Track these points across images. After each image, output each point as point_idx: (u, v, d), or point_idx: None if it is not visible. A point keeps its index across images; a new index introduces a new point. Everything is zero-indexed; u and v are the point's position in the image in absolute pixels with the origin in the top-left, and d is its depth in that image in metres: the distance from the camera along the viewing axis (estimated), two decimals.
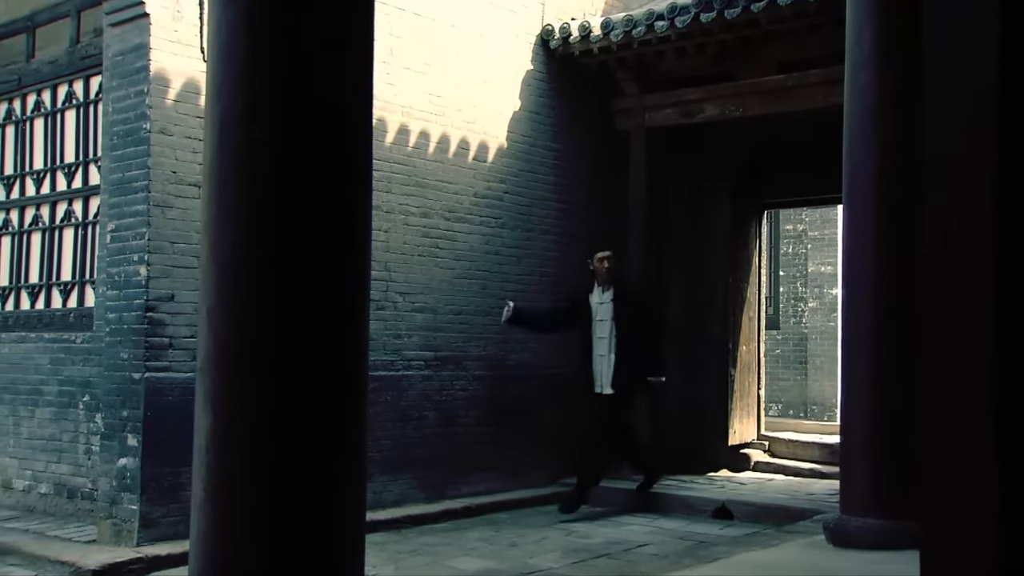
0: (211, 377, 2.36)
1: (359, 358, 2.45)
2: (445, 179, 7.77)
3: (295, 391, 2.33)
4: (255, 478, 2.31)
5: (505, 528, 7.10)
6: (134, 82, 5.88)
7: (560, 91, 8.72)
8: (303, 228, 2.33)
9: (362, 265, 2.47)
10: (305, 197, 2.34)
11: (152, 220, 5.75)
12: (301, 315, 2.32)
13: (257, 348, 2.33)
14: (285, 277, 2.31)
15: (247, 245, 2.31)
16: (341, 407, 2.42)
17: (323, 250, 2.35)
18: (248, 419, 2.32)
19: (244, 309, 2.32)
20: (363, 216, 2.51)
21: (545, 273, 8.61)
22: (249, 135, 2.32)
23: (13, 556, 5.70)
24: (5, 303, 7.53)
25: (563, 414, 8.50)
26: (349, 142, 2.48)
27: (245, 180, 2.32)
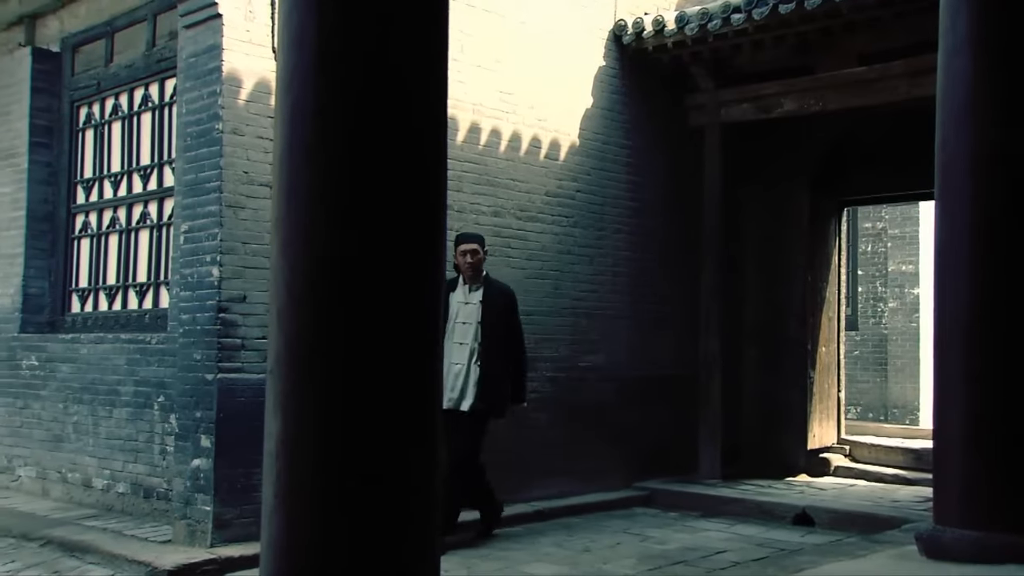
0: (281, 380, 2.27)
1: (433, 359, 2.34)
2: (516, 177, 7.67)
3: (368, 394, 2.24)
4: (326, 485, 2.22)
5: (578, 532, 6.96)
6: (207, 83, 5.89)
7: (633, 87, 8.56)
8: (377, 224, 2.23)
9: (436, 263, 2.37)
10: (379, 192, 2.24)
11: (224, 221, 5.74)
12: (375, 315, 2.22)
13: (329, 349, 2.24)
14: (358, 275, 2.21)
15: (319, 242, 2.22)
16: (415, 410, 2.31)
17: (398, 247, 2.25)
18: (319, 423, 2.23)
19: (316, 309, 2.23)
20: (438, 212, 2.41)
21: (618, 272, 8.46)
22: (321, 128, 2.23)
23: (92, 555, 5.75)
24: (84, 304, 7.64)
25: (637, 416, 8.35)
26: (424, 135, 2.38)
27: (317, 174, 2.23)
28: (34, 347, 7.51)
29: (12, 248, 7.81)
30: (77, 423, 7.04)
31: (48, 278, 7.79)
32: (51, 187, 7.85)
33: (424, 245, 2.32)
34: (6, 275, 7.83)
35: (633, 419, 8.33)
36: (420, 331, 2.29)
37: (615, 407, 8.26)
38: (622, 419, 8.26)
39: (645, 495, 8.15)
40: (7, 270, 7.83)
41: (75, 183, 7.80)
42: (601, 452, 8.13)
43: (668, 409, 8.59)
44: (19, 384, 7.60)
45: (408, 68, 2.32)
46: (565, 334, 7.99)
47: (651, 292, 8.68)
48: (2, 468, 7.72)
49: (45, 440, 7.30)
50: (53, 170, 7.87)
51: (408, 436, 2.29)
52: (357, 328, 2.23)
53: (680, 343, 8.79)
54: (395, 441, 2.26)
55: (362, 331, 2.22)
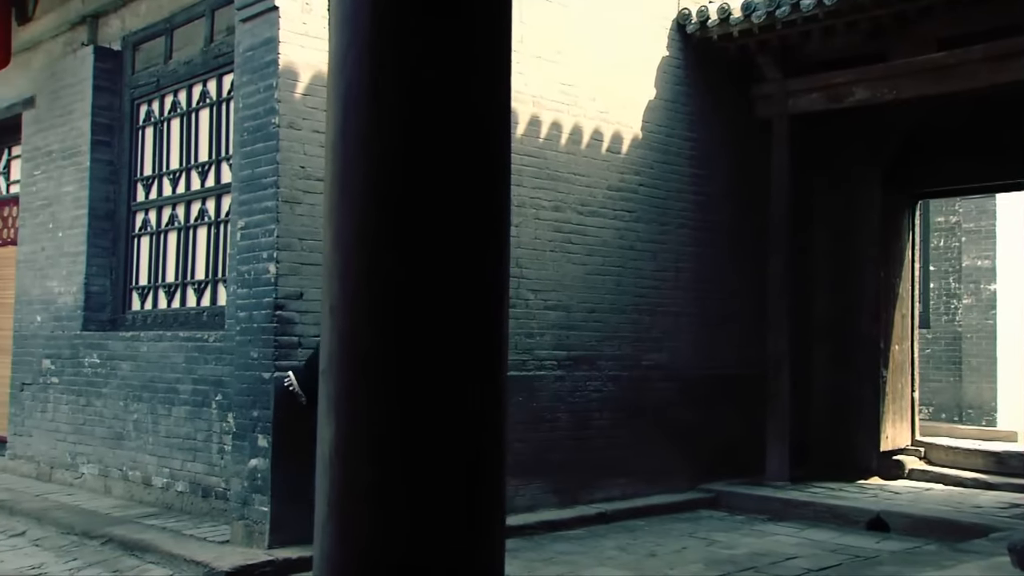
0: (334, 381, 2.12)
1: (497, 358, 2.17)
2: (577, 171, 7.49)
3: (428, 396, 2.07)
4: (384, 495, 2.07)
5: (643, 536, 6.76)
6: (263, 76, 5.80)
7: (697, 78, 8.32)
8: (437, 215, 2.07)
9: (500, 256, 2.20)
10: (439, 180, 2.08)
11: (281, 217, 5.65)
12: (435, 312, 2.06)
13: (386, 348, 2.08)
14: (417, 269, 2.05)
15: (375, 234, 2.06)
16: (478, 414, 2.15)
17: (459, 239, 2.08)
18: (375, 428, 2.08)
19: (371, 305, 2.08)
20: (501, 201, 2.24)
21: (682, 268, 8.23)
22: (376, 112, 2.07)
23: (152, 554, 5.71)
24: (144, 302, 7.64)
25: (702, 416, 8.12)
26: (486, 119, 2.20)
27: (372, 161, 2.07)
28: (96, 345, 7.53)
29: (75, 246, 7.84)
30: (137, 421, 7.03)
31: (109, 276, 7.81)
32: (112, 185, 7.86)
33: (487, 238, 2.15)
34: (69, 273, 7.87)
35: (697, 419, 8.10)
36: (482, 324, 2.12)
37: (679, 406, 8.05)
38: (686, 419, 8.05)
39: (710, 497, 7.93)
40: (70, 268, 7.86)
41: (135, 181, 7.80)
42: (664, 453, 7.92)
43: (734, 408, 8.34)
44: (82, 382, 7.63)
45: (470, 47, 2.15)
46: (627, 332, 7.79)
47: (716, 288, 8.44)
48: (67, 465, 7.75)
49: (107, 438, 7.31)
50: (114, 168, 7.88)
51: (473, 441, 2.13)
52: (417, 324, 2.07)
53: (746, 340, 8.54)
54: (459, 448, 2.10)
55: (422, 328, 2.06)
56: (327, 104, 2.21)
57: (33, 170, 8.52)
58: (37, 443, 8.10)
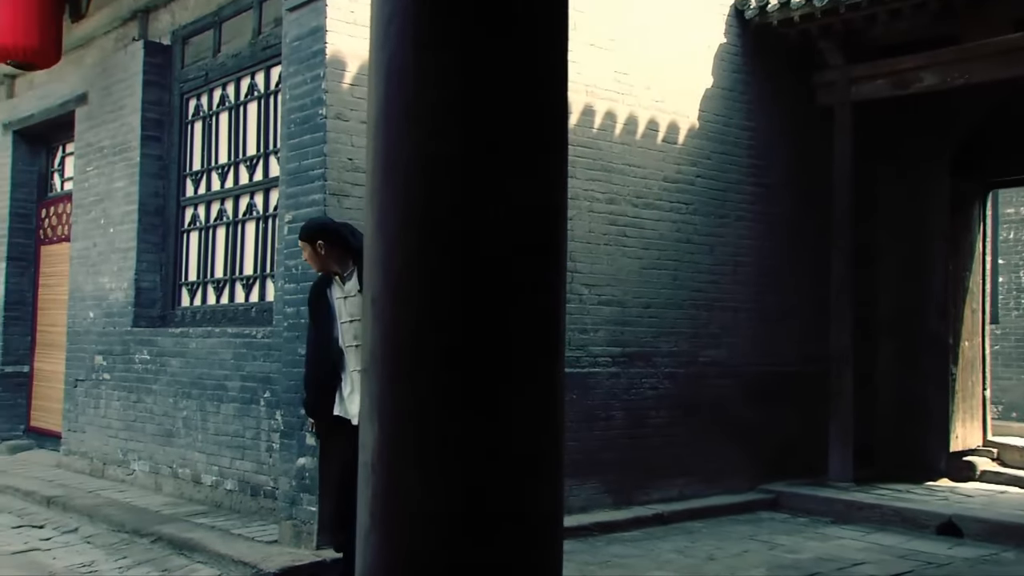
0: (377, 380, 1.95)
1: (554, 355, 1.99)
2: (632, 163, 7.27)
3: (480, 395, 1.89)
4: (431, 502, 1.90)
5: (701, 538, 6.54)
6: (311, 67, 5.68)
7: (756, 65, 8.05)
8: (488, 198, 1.89)
9: (557, 245, 2.02)
10: (490, 161, 1.90)
11: (328, 210, 5.52)
12: (487, 304, 1.88)
13: (433, 344, 1.90)
14: (466, 257, 1.87)
15: (421, 218, 1.88)
16: (535, 413, 1.96)
17: (512, 224, 1.90)
18: (422, 431, 1.91)
19: (417, 297, 1.90)
20: (558, 184, 2.06)
21: (740, 262, 7.98)
22: (422, 85, 1.90)
23: (200, 553, 5.63)
24: (193, 298, 7.58)
25: (761, 414, 7.87)
26: (541, 94, 2.02)
27: (418, 140, 1.89)
28: (146, 341, 7.49)
29: (125, 242, 7.81)
30: (187, 418, 6.96)
31: (159, 272, 7.76)
32: (162, 180, 7.82)
33: (544, 222, 1.96)
34: (120, 269, 7.84)
35: (757, 417, 7.85)
36: (537, 317, 1.94)
37: (737, 404, 7.81)
38: (745, 417, 7.80)
39: (771, 498, 7.68)
40: (121, 264, 7.84)
41: (184, 176, 7.75)
42: (723, 452, 7.68)
43: (794, 406, 8.07)
44: (133, 378, 7.60)
45: (522, 14, 1.97)
46: (684, 328, 7.57)
47: (776, 282, 8.17)
48: (119, 462, 7.73)
49: (157, 434, 7.26)
50: (163, 163, 7.83)
51: (527, 446, 1.95)
52: (466, 319, 1.89)
53: (807, 336, 8.26)
54: (515, 450, 1.92)
55: (472, 321, 1.88)
56: (369, 80, 2.05)
57: (85, 166, 8.52)
58: (90, 439, 8.10)
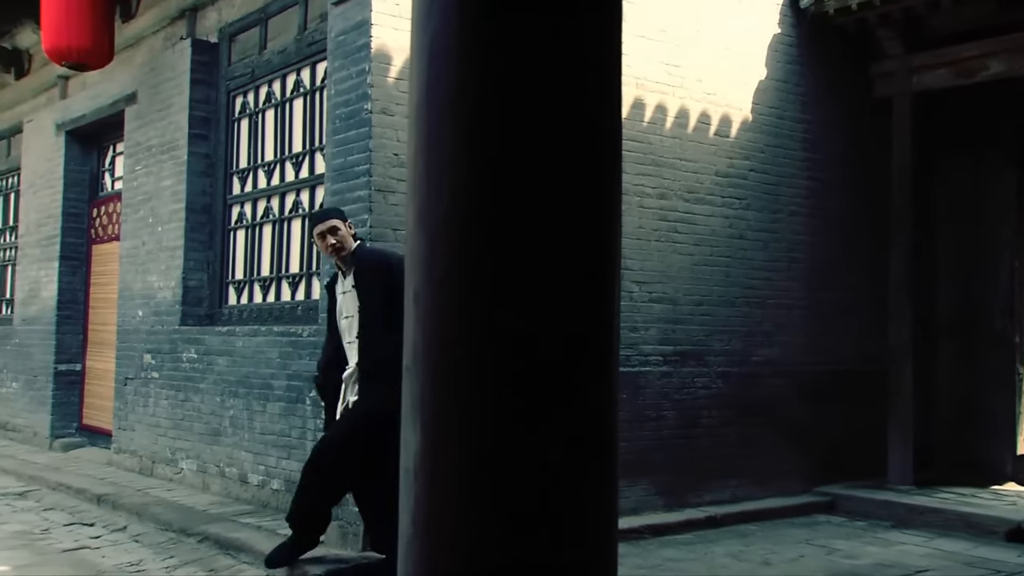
0: (419, 381, 1.83)
1: (608, 353, 1.86)
2: (684, 157, 7.11)
3: (530, 395, 1.77)
4: (478, 509, 1.78)
5: (756, 542, 6.36)
6: (356, 61, 5.60)
7: (811, 56, 7.84)
8: (537, 187, 1.77)
9: (610, 237, 1.89)
10: (540, 147, 1.77)
11: (374, 206, 5.44)
12: (536, 301, 1.76)
13: (478, 343, 1.78)
14: (513, 250, 1.75)
15: (465, 209, 1.77)
16: (588, 415, 1.84)
17: (563, 214, 1.78)
18: (466, 436, 1.79)
19: (461, 293, 1.79)
20: (610, 176, 1.92)
21: (795, 259, 7.78)
22: (467, 66, 1.78)
23: (246, 553, 5.59)
24: (240, 296, 7.55)
25: (816, 414, 7.66)
26: (594, 76, 1.89)
27: (461, 125, 1.78)
28: (193, 340, 7.48)
29: (173, 241, 7.81)
30: (233, 417, 6.93)
31: (206, 270, 7.75)
32: (209, 179, 7.80)
33: (596, 212, 1.84)
34: (168, 268, 7.85)
35: (811, 417, 7.65)
36: (590, 315, 1.81)
37: (792, 404, 7.61)
38: (799, 417, 7.60)
39: (827, 501, 7.47)
40: (168, 263, 7.84)
41: (231, 174, 7.73)
42: (777, 453, 7.49)
43: (850, 407, 7.85)
44: (180, 377, 7.59)
45: None
46: (737, 326, 7.39)
47: (831, 279, 7.96)
48: (167, 460, 7.74)
49: (204, 433, 7.24)
50: (210, 161, 7.82)
51: (583, 446, 1.82)
52: (514, 316, 1.77)
53: (863, 334, 8.04)
54: (567, 453, 1.80)
55: (521, 320, 1.76)
56: (411, 64, 1.94)
57: (134, 165, 8.55)
58: (139, 437, 8.12)
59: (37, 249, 10.29)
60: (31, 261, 10.41)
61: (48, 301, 9.94)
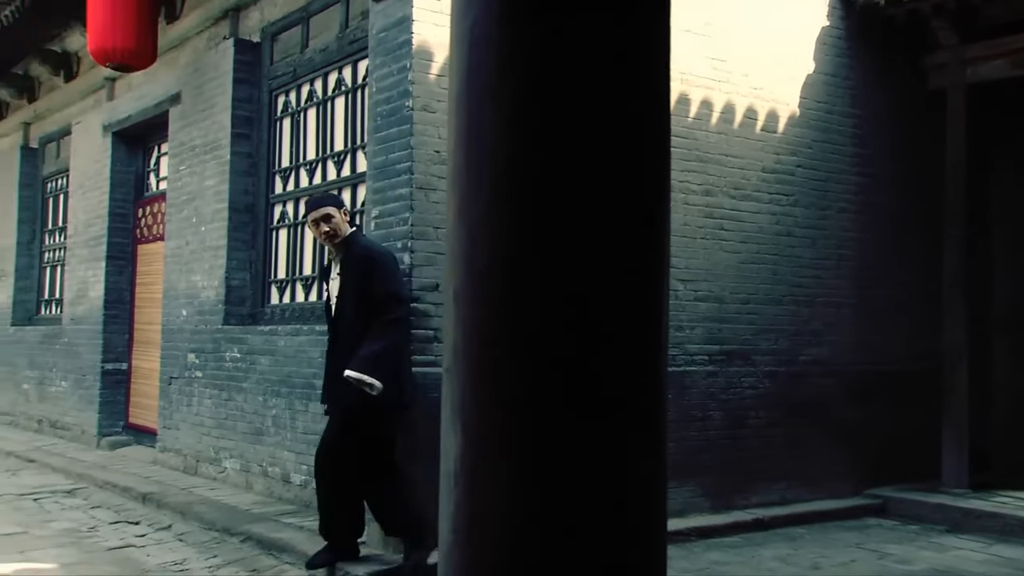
0: (459, 382, 1.76)
1: (656, 350, 1.78)
2: (729, 153, 6.98)
3: (575, 396, 1.69)
4: (522, 517, 1.70)
5: (805, 546, 6.22)
6: (397, 58, 5.55)
7: (861, 49, 7.66)
8: (583, 178, 1.68)
9: (659, 231, 1.81)
10: (585, 136, 1.69)
11: (415, 204, 5.39)
12: (581, 296, 1.68)
13: (521, 343, 1.71)
14: (558, 243, 1.67)
15: (507, 201, 1.69)
16: (637, 416, 1.75)
17: (610, 208, 1.70)
18: (510, 438, 1.71)
19: (503, 288, 1.71)
20: (659, 167, 1.84)
21: (844, 256, 7.61)
22: (509, 55, 1.70)
23: (288, 554, 5.56)
24: (282, 296, 7.55)
25: (866, 415, 7.48)
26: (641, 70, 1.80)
27: (503, 113, 1.70)
28: (236, 339, 7.48)
29: (216, 240, 7.83)
30: (276, 416, 6.92)
31: (249, 270, 7.76)
32: (251, 178, 7.81)
33: (644, 204, 1.75)
34: (211, 267, 7.87)
35: (861, 418, 7.48)
36: (637, 312, 1.73)
37: (841, 405, 7.45)
38: (849, 418, 7.44)
39: (878, 504, 7.30)
40: (212, 262, 7.86)
41: (273, 173, 7.72)
42: (826, 454, 7.33)
43: (902, 407, 7.66)
44: (223, 376, 7.61)
45: None
46: (784, 324, 7.24)
47: (882, 277, 7.78)
48: (211, 459, 7.75)
49: (247, 433, 7.24)
50: (253, 161, 7.83)
51: (630, 453, 1.74)
52: (559, 314, 1.69)
53: (916, 333, 7.85)
54: (614, 459, 1.71)
55: (566, 318, 1.68)
56: (450, 52, 1.87)
57: (179, 165, 8.59)
58: (184, 436, 8.15)
59: (85, 249, 10.39)
60: (79, 261, 10.52)
61: (95, 301, 10.04)
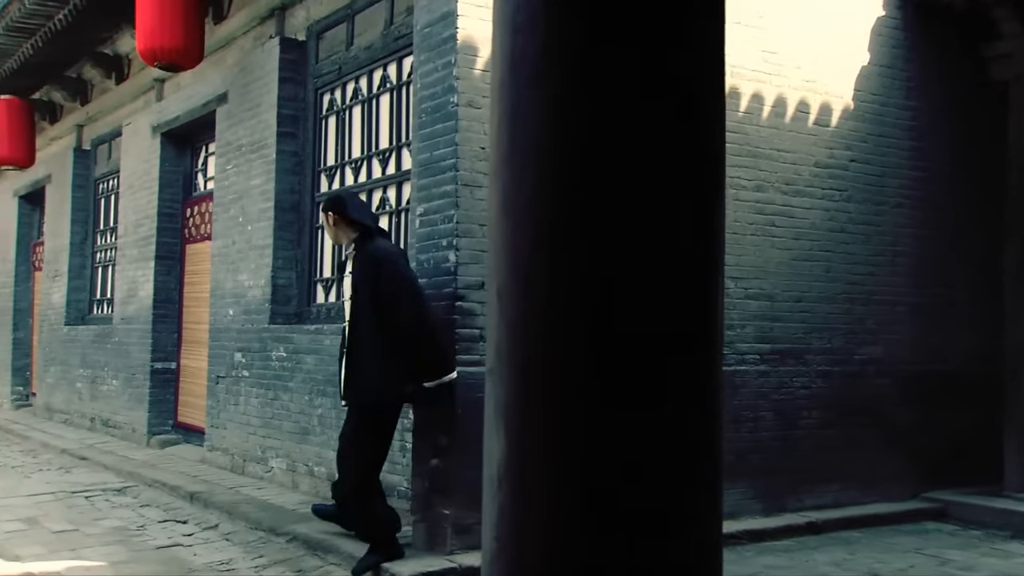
0: (503, 385, 1.67)
1: (713, 348, 1.68)
2: (781, 147, 6.82)
3: (626, 401, 1.60)
4: (569, 527, 1.61)
5: (860, 550, 6.05)
6: (441, 53, 5.48)
7: (918, 39, 7.45)
8: (634, 167, 1.59)
9: (714, 224, 1.71)
10: (636, 124, 1.60)
11: (460, 201, 5.31)
12: (632, 292, 1.58)
13: (570, 343, 1.62)
14: (607, 236, 1.58)
15: (553, 190, 1.60)
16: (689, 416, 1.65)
17: (662, 199, 1.60)
18: (558, 441, 1.62)
19: (550, 284, 1.62)
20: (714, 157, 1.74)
21: (900, 253, 7.41)
22: (556, 38, 1.61)
23: (334, 555, 5.53)
24: (328, 294, 7.53)
25: (924, 416, 7.28)
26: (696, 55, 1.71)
27: (549, 99, 1.61)
28: (282, 338, 7.47)
29: (262, 239, 7.83)
30: (322, 416, 6.89)
31: (295, 269, 7.75)
32: (297, 177, 7.80)
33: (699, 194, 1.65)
34: (257, 267, 7.87)
35: (919, 419, 7.28)
36: (692, 311, 1.63)
37: (897, 405, 7.25)
38: (905, 419, 7.24)
39: (937, 508, 7.10)
40: (258, 261, 7.86)
41: (319, 171, 7.71)
42: (882, 456, 7.14)
43: (961, 409, 7.44)
44: (270, 375, 7.60)
45: None
46: (838, 323, 7.07)
47: (939, 275, 7.56)
48: (257, 458, 7.76)
49: (293, 432, 7.23)
50: (299, 159, 7.81)
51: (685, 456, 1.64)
52: (609, 312, 1.59)
53: (975, 333, 7.62)
54: (667, 464, 1.62)
55: (615, 315, 1.59)
56: (493, 32, 1.78)
57: (225, 165, 8.61)
58: (231, 436, 8.17)
59: (135, 249, 10.49)
60: (129, 261, 10.62)
61: (145, 300, 10.12)
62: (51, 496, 7.61)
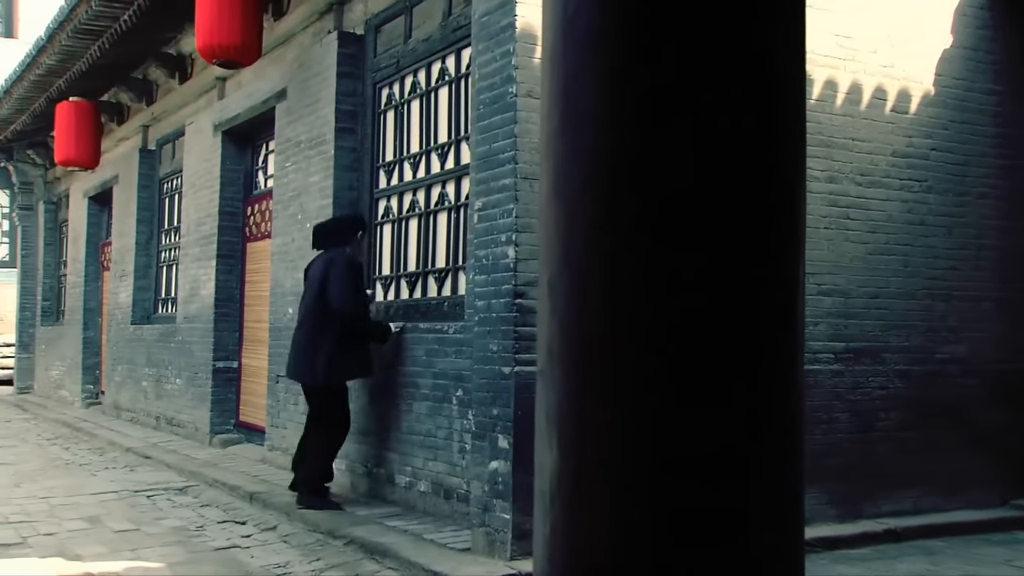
0: (555, 388, 1.48)
1: (792, 349, 1.46)
2: (856, 136, 6.50)
3: (689, 413, 1.39)
4: (626, 547, 1.41)
5: (944, 561, 5.72)
6: (500, 42, 5.30)
7: (1004, 19, 7.06)
8: (701, 144, 1.38)
9: (794, 209, 1.49)
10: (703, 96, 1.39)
11: (519, 195, 5.12)
12: (699, 283, 1.37)
13: (628, 342, 1.41)
14: (672, 220, 1.37)
15: (610, 172, 1.40)
16: (765, 420, 1.44)
17: (734, 181, 1.39)
18: (618, 451, 1.42)
19: (606, 275, 1.42)
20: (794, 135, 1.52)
21: (984, 246, 7.03)
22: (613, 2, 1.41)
23: (391, 559, 5.39)
24: (387, 292, 7.40)
25: (1012, 418, 6.90)
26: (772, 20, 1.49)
27: (606, 69, 1.41)
28: None
29: None
30: (380, 416, 6.76)
31: None
32: (355, 173, 7.69)
33: (774, 177, 1.44)
34: None
35: (1006, 422, 6.91)
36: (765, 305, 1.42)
37: (982, 407, 6.88)
38: (992, 421, 6.87)
39: None
40: None
41: (377, 167, 7.58)
42: (965, 460, 6.77)
43: None
44: None
45: None
46: (918, 320, 6.73)
47: None
48: None
49: (352, 433, 7.09)
50: (357, 155, 7.70)
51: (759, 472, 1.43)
52: (673, 306, 1.39)
53: None
54: (736, 490, 1.41)
55: (680, 311, 1.38)
56: (543, 5, 1.59)
57: (284, 162, 8.55)
58: (290, 435, 8.09)
59: (197, 248, 10.51)
60: (191, 260, 10.65)
61: (207, 299, 10.13)
62: (115, 495, 7.62)
